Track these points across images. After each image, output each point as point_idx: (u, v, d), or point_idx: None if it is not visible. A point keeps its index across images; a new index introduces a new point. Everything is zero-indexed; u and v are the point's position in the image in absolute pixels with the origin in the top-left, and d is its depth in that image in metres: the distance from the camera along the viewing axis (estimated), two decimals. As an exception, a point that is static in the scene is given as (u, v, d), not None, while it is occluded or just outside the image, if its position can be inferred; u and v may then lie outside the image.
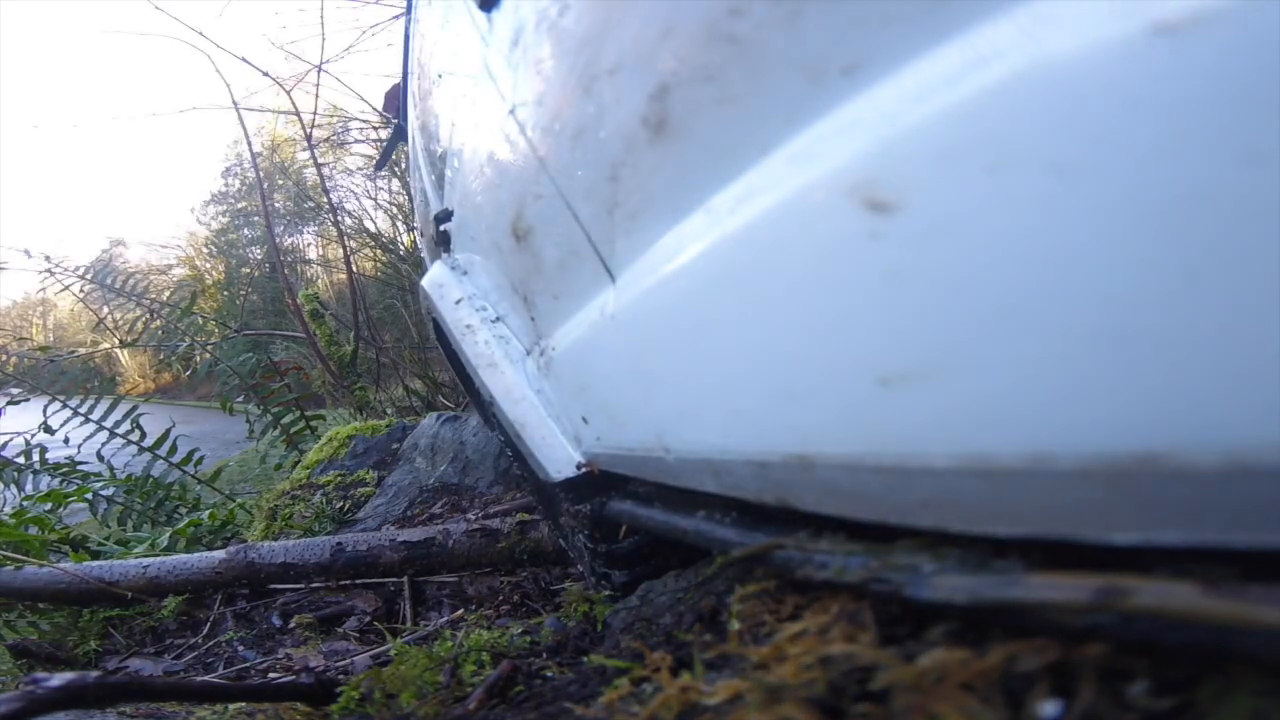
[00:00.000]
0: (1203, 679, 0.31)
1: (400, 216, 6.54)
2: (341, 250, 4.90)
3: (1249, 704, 0.29)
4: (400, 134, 2.33)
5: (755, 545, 0.54)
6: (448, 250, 1.20)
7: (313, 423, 3.12)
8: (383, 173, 6.65)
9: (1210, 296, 0.25)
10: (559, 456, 0.91)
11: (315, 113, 4.15)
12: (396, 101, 2.21)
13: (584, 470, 0.87)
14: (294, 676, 1.00)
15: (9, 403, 2.66)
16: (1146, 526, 0.30)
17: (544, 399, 0.95)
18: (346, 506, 1.86)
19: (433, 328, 1.44)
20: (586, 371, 0.78)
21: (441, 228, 1.19)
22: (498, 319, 1.05)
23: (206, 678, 1.18)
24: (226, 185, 14.32)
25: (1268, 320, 0.24)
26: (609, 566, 0.98)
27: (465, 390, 1.74)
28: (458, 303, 1.11)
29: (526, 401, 0.96)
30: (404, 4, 1.63)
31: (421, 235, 1.56)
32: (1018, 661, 0.36)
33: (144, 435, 2.75)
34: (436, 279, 1.20)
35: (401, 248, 6.12)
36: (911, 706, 0.37)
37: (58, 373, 2.79)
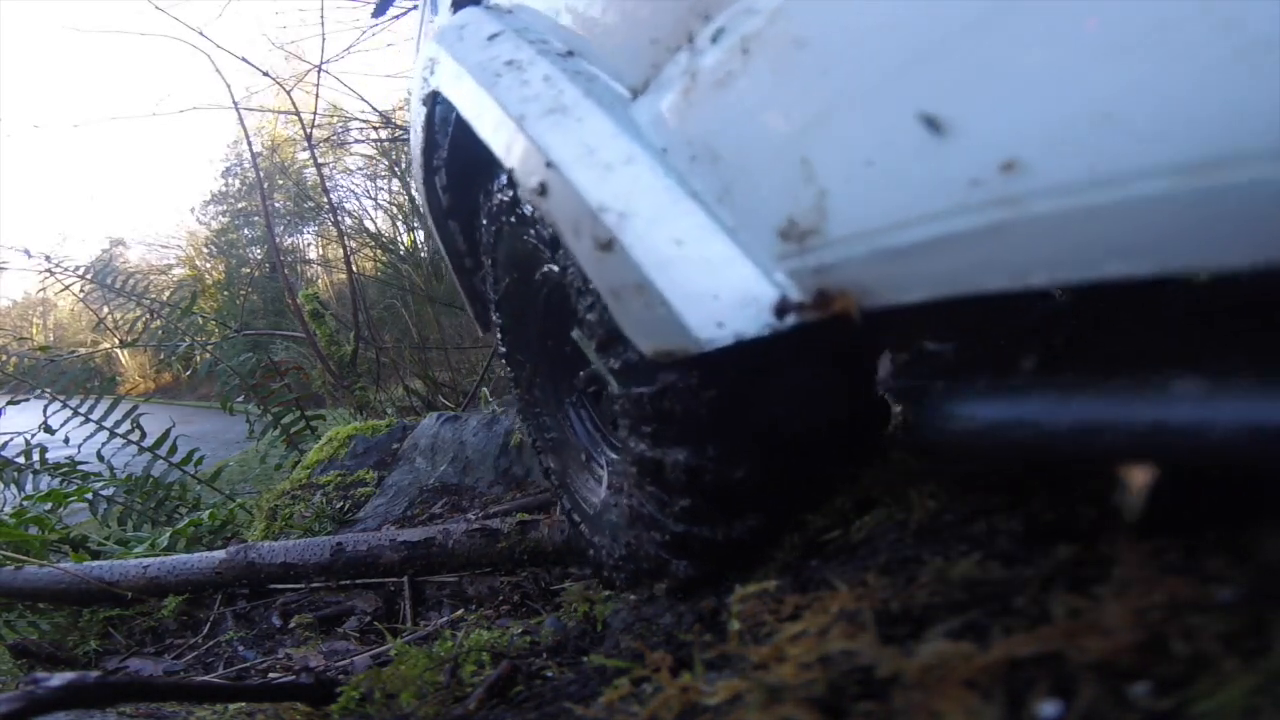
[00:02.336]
0: (1198, 676, 0.31)
1: (400, 216, 6.55)
2: (341, 250, 4.90)
3: (1241, 701, 0.29)
4: None
5: None
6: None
7: (313, 423, 3.12)
8: (382, 172, 6.64)
9: None
10: (726, 285, 0.45)
11: (315, 113, 4.16)
12: None
13: (809, 313, 0.41)
14: (294, 676, 1.00)
15: (9, 402, 2.66)
16: None
17: (674, 165, 0.51)
18: (346, 506, 1.86)
19: (423, 124, 0.97)
20: None
21: None
22: (570, 53, 0.65)
23: (206, 678, 1.18)
24: (226, 185, 14.30)
25: None
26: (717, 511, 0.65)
27: (439, 240, 1.21)
28: (492, 38, 0.70)
29: (637, 165, 0.52)
30: (405, 4, 1.61)
31: (419, 61, 1.22)
32: (1019, 657, 0.36)
33: (144, 435, 2.75)
34: (456, 22, 0.79)
35: (401, 248, 6.12)
36: (913, 705, 0.37)
37: (58, 373, 2.79)
